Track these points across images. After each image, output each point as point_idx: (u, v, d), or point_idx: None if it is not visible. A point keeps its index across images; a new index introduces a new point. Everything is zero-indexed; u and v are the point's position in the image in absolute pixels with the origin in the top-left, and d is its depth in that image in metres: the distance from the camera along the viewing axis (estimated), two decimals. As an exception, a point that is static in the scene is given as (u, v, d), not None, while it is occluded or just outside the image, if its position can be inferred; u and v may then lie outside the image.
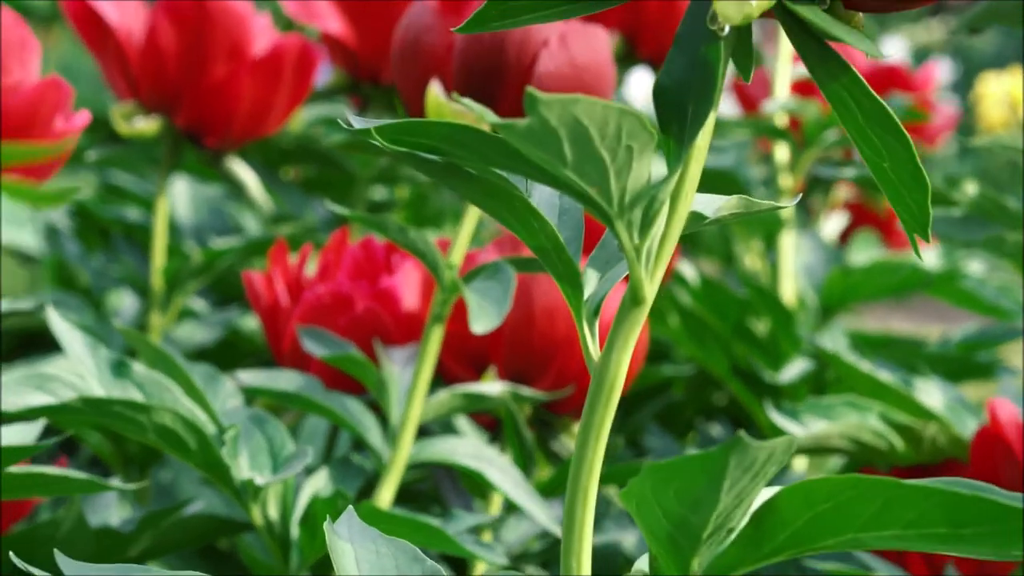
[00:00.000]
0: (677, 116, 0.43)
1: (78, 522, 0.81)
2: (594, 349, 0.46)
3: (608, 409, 0.45)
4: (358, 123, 0.45)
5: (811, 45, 0.44)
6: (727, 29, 0.42)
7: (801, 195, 0.57)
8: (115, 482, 0.91)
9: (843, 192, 1.60)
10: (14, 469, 0.69)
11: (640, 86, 2.02)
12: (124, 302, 1.20)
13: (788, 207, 1.05)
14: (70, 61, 3.18)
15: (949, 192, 0.91)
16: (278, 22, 1.26)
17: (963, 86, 5.43)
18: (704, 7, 0.42)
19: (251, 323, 1.23)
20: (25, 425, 0.76)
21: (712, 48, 0.42)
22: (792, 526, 0.43)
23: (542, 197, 0.48)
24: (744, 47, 0.44)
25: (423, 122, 0.43)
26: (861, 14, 0.44)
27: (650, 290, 0.45)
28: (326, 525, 0.50)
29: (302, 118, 1.32)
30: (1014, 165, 1.06)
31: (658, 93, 0.43)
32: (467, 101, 0.77)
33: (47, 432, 0.79)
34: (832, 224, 1.56)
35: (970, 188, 0.90)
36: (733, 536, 0.44)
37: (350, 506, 0.52)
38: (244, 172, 1.14)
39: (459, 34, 0.80)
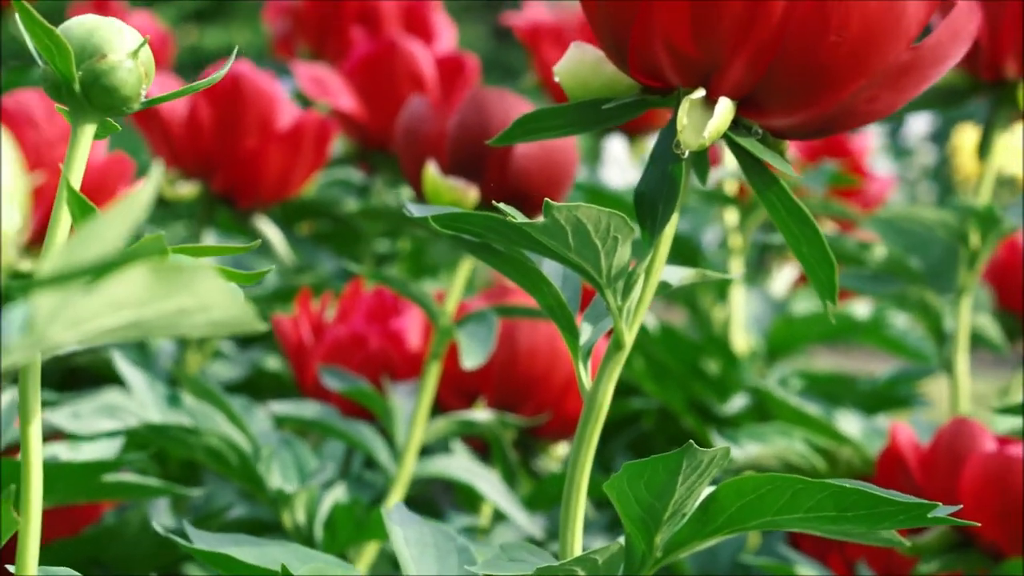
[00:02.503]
0: (651, 214, 0.58)
1: (143, 524, 0.94)
2: (587, 381, 0.61)
3: (597, 425, 0.60)
4: (417, 211, 0.59)
5: (750, 163, 0.59)
6: (687, 152, 0.57)
7: (752, 259, 0.72)
8: (163, 499, 1.05)
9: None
10: (107, 477, 0.82)
11: (614, 145, 2.17)
12: (163, 344, 1.29)
13: (737, 268, 1.20)
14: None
15: (861, 254, 1.06)
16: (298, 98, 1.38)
17: (941, 137, 5.55)
18: (670, 135, 0.58)
19: (272, 362, 1.33)
20: (106, 444, 0.88)
21: (676, 166, 0.57)
22: (728, 511, 0.58)
23: (550, 268, 0.63)
24: (701, 162, 0.59)
25: (468, 213, 0.58)
26: (787, 140, 0.60)
27: (629, 339, 0.60)
28: (383, 511, 0.65)
29: (316, 180, 1.41)
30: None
31: (637, 197, 0.58)
32: (455, 180, 0.91)
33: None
34: (783, 277, 1.68)
35: (879, 251, 1.05)
36: (686, 519, 0.59)
37: (399, 501, 0.67)
38: (270, 229, 1.24)
39: (451, 123, 0.91)
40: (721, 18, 0.54)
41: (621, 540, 0.61)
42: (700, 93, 0.56)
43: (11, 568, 0.50)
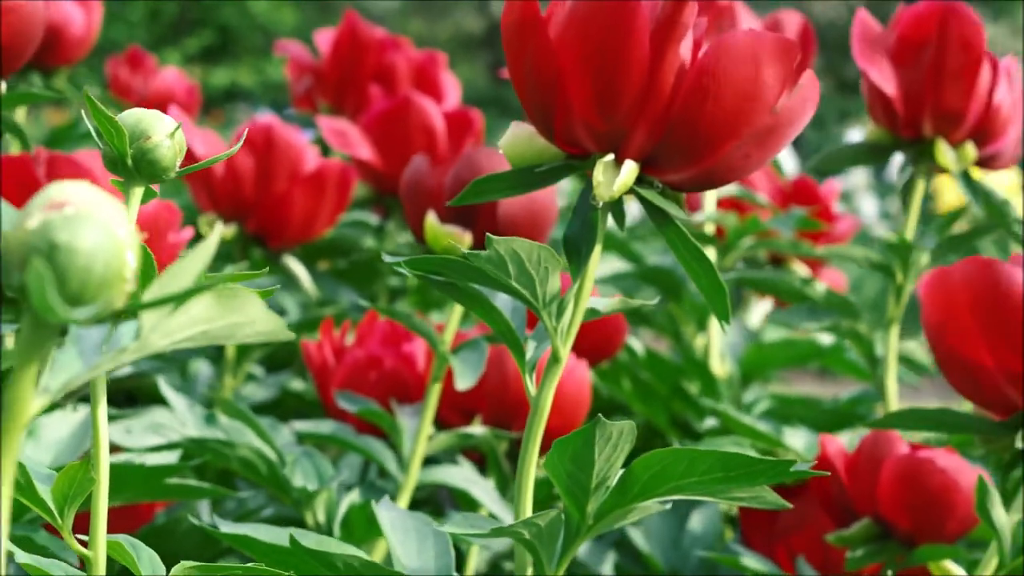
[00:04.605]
0: (576, 253, 0.71)
1: (191, 523, 1.06)
2: (532, 389, 0.74)
3: (541, 421, 0.73)
4: (389, 259, 0.73)
5: (653, 210, 0.72)
6: (600, 203, 0.71)
7: (730, 293, 0.82)
8: (205, 503, 1.18)
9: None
10: (169, 481, 0.95)
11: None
12: (201, 368, 1.41)
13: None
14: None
15: (804, 289, 1.18)
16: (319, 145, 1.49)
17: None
18: (588, 191, 0.71)
19: (297, 384, 1.44)
20: (166, 454, 1.01)
21: (593, 214, 0.71)
22: (641, 481, 0.70)
23: (502, 301, 0.76)
24: (618, 209, 0.72)
25: (431, 257, 0.71)
26: (683, 193, 0.75)
27: (564, 353, 0.73)
28: (373, 504, 0.79)
29: (337, 221, 1.51)
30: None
31: (564, 240, 0.72)
32: (451, 227, 1.03)
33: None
34: (760, 308, 1.81)
35: (819, 287, 1.18)
36: (609, 490, 0.72)
37: (386, 496, 0.81)
38: (297, 267, 1.34)
39: (447, 177, 1.03)
40: (622, 102, 0.69)
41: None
42: (610, 157, 0.70)
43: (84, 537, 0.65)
